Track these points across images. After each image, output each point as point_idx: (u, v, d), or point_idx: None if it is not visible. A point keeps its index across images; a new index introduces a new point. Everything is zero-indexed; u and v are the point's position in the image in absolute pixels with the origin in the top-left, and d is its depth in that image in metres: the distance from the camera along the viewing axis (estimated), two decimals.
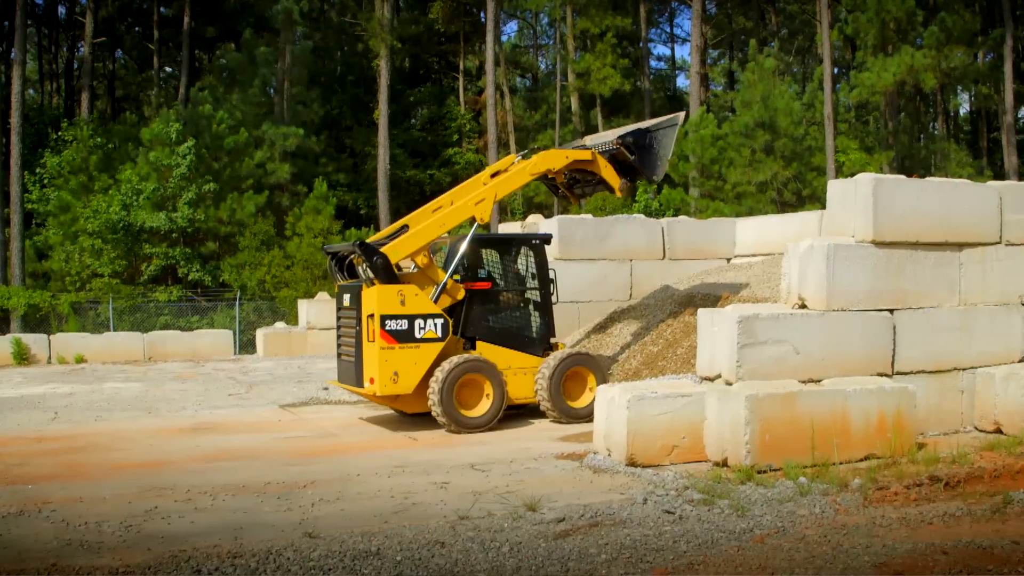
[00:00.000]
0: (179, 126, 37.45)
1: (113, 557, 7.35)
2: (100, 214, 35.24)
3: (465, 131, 53.66)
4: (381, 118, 43.84)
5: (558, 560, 7.07)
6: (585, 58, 48.91)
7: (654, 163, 14.47)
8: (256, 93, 44.74)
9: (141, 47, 56.02)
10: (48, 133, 43.32)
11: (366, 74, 51.02)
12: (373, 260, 13.04)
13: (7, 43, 43.40)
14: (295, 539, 7.70)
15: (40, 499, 9.42)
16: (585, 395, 13.80)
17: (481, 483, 9.71)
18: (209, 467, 11.03)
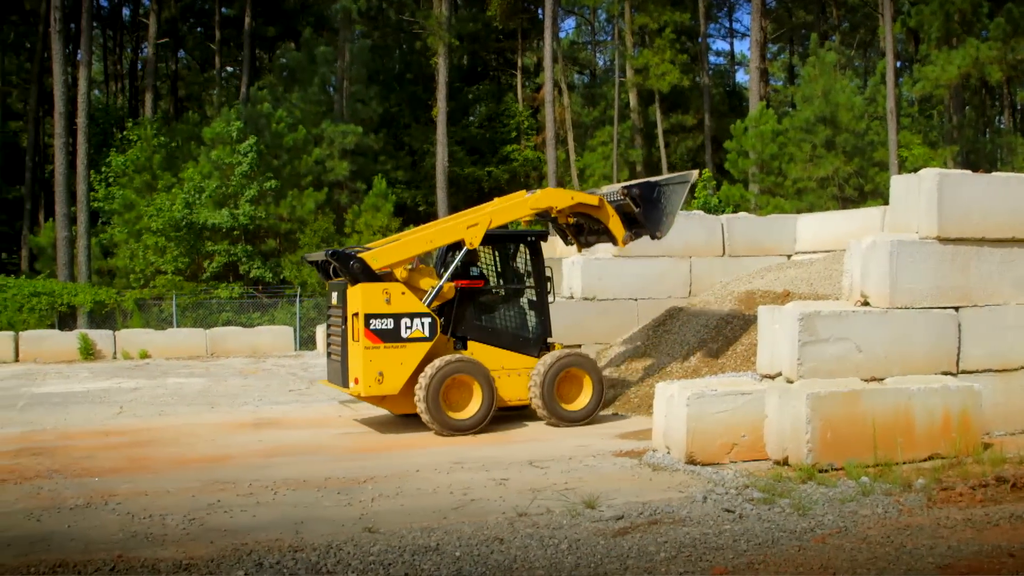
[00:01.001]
0: (240, 125, 37.87)
1: (177, 549, 7.46)
2: (164, 212, 35.77)
3: (523, 128, 53.66)
4: (439, 115, 43.97)
5: (617, 558, 7.05)
6: (643, 54, 48.67)
7: (659, 218, 13.94)
8: (316, 91, 45.10)
9: (203, 47, 56.78)
10: (113, 133, 44.08)
11: (424, 72, 51.18)
12: (349, 266, 12.76)
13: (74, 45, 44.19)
14: (355, 534, 7.76)
15: (106, 492, 9.59)
16: (580, 397, 13.52)
17: (539, 480, 9.71)
18: (270, 462, 11.15)
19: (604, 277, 17.86)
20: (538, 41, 55.68)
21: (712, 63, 62.06)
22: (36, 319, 30.67)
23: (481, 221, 13.37)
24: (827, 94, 36.62)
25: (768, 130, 37.46)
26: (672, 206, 13.95)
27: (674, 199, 13.93)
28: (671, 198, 13.92)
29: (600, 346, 17.62)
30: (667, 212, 13.93)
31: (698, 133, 53.56)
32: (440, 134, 43.65)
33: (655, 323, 17.39)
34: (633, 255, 17.95)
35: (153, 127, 40.14)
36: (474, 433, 12.76)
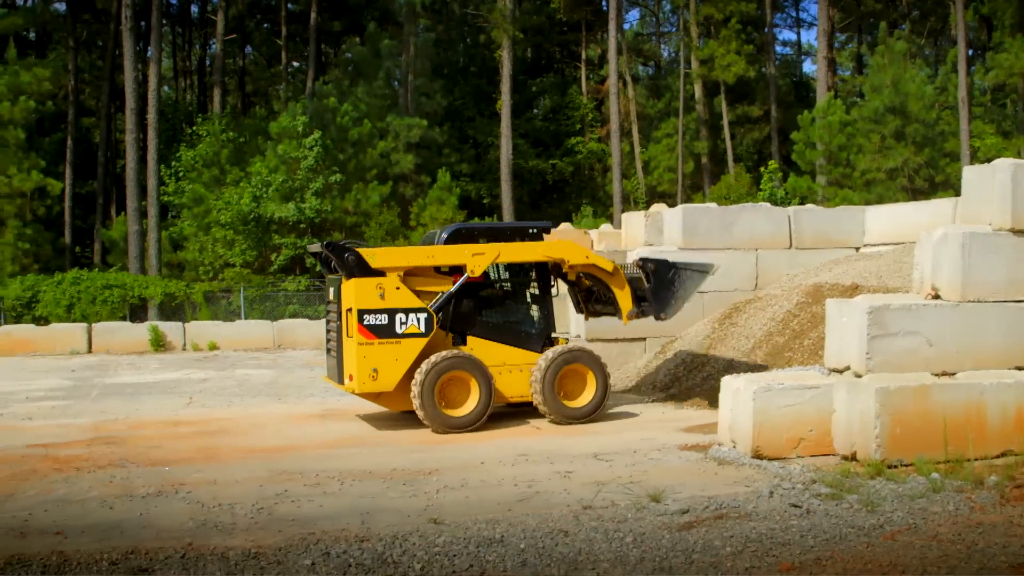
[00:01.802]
0: (306, 119, 38.24)
1: (246, 538, 7.58)
2: (232, 206, 36.27)
3: (587, 120, 53.52)
4: (504, 108, 44.00)
5: (682, 552, 7.03)
6: (709, 45, 48.27)
7: (666, 300, 13.52)
8: (380, 85, 45.38)
9: (270, 43, 57.40)
10: (183, 128, 44.75)
11: (488, 65, 51.24)
12: (344, 258, 12.54)
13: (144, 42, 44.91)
14: (420, 525, 7.82)
15: (176, 481, 9.77)
16: (584, 394, 13.21)
17: (604, 473, 9.70)
18: (336, 452, 11.27)
19: None
20: (602, 33, 55.43)
21: (778, 53, 61.37)
22: (108, 311, 31.27)
23: (488, 253, 13.04)
24: (896, 83, 35.99)
25: (836, 120, 36.92)
26: (685, 292, 13.55)
27: (689, 285, 13.54)
28: (686, 284, 13.53)
29: (665, 339, 17.54)
30: (677, 296, 13.52)
31: (764, 124, 53.01)
32: (504, 127, 43.69)
33: (721, 316, 17.26)
34: (698, 247, 17.83)
35: (221, 122, 40.68)
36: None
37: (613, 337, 17.52)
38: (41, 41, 53.05)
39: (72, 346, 27.41)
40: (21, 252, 35.01)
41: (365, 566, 6.83)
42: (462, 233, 13.75)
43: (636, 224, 20.58)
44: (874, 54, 39.32)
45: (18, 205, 36.62)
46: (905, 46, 38.60)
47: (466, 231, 13.95)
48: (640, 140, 52.53)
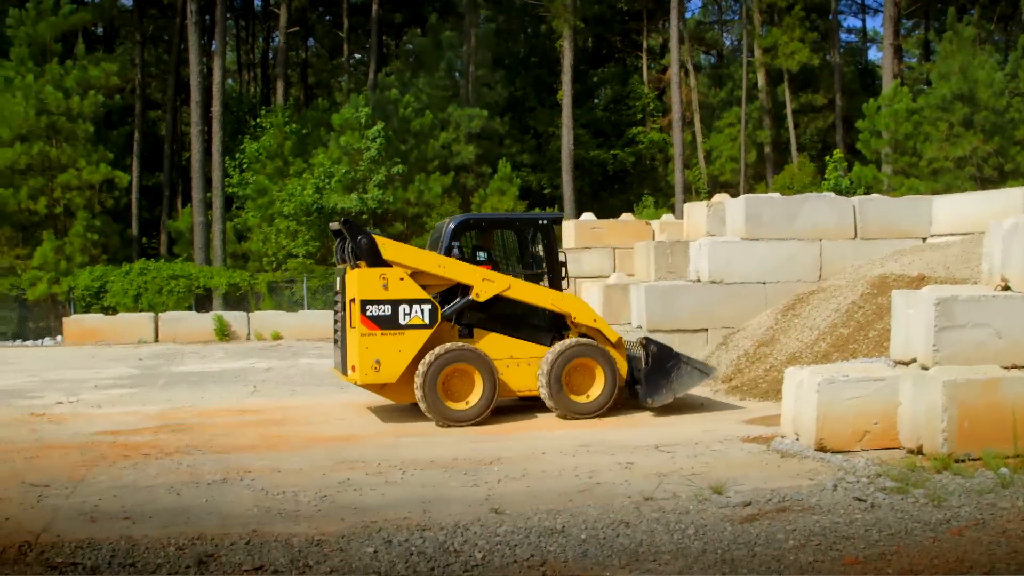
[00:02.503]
0: (368, 111, 38.47)
1: (309, 525, 7.66)
2: (295, 197, 36.62)
3: (649, 110, 53.24)
4: (565, 98, 43.90)
5: (744, 544, 6.98)
6: (772, 32, 47.70)
7: (659, 387, 13.03)
8: (442, 76, 45.51)
9: (332, 35, 57.85)
10: (246, 120, 45.27)
11: (549, 55, 51.16)
12: (358, 240, 12.41)
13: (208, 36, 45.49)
14: (481, 514, 7.85)
15: (241, 468, 9.90)
16: (592, 389, 12.93)
17: (666, 464, 9.66)
18: (398, 442, 11.35)
19: (732, 260, 17.62)
20: (664, 22, 55.10)
21: (843, 40, 60.42)
22: (175, 301, 31.80)
23: (498, 281, 12.84)
24: (965, 70, 35.31)
25: (902, 109, 36.33)
26: (680, 385, 13.11)
27: (685, 380, 13.13)
28: (683, 378, 13.11)
29: (727, 330, 17.41)
30: (670, 388, 13.05)
31: (828, 113, 52.31)
32: (565, 117, 43.59)
33: (784, 307, 17.09)
34: (761, 238, 17.69)
35: (284, 114, 41.07)
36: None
37: (674, 328, 17.43)
38: (109, 36, 54.00)
39: (139, 335, 27.91)
40: (90, 243, 35.67)
41: (427, 555, 6.88)
42: (470, 223, 13.65)
43: (698, 215, 20.46)
44: (942, 40, 38.62)
45: (87, 197, 37.30)
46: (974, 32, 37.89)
47: (473, 221, 13.86)
48: (702, 129, 52.15)
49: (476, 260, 13.29)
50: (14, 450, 11.16)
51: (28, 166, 36.38)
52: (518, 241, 13.80)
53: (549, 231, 13.59)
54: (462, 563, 6.73)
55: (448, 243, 13.15)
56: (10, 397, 15.94)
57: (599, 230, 25.43)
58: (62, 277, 33.82)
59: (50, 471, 9.91)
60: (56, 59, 37.50)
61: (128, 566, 6.74)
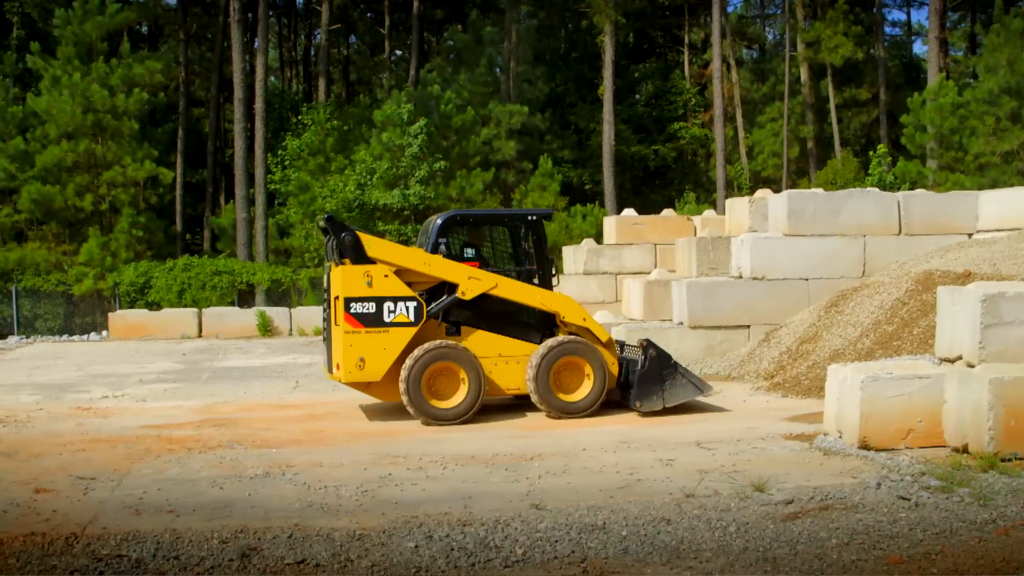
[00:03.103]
0: (410, 107, 38.59)
1: (351, 520, 7.71)
2: (337, 193, 36.81)
3: (690, 105, 52.95)
4: (606, 94, 43.78)
5: (787, 543, 6.94)
6: (815, 26, 47.28)
7: (649, 392, 12.65)
8: (482, 72, 45.56)
9: (373, 32, 58.07)
10: (289, 117, 45.55)
11: (590, 50, 51.03)
12: (341, 236, 12.27)
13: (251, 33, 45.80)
14: (522, 510, 7.86)
15: (284, 462, 9.97)
16: (582, 388, 12.67)
17: (707, 461, 9.62)
18: (439, 437, 11.38)
19: (774, 257, 17.51)
20: (706, 16, 54.79)
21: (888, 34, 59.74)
22: (218, 296, 32.10)
23: (485, 279, 12.61)
24: (1012, 63, 34.78)
25: (948, 103, 35.90)
26: (671, 395, 12.72)
27: (679, 392, 12.77)
28: (676, 389, 12.76)
29: (769, 327, 17.30)
30: (661, 396, 12.67)
31: (872, 107, 51.77)
32: (606, 112, 43.48)
33: (827, 304, 16.96)
34: (804, 234, 17.55)
35: (326, 111, 41.29)
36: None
37: (716, 324, 17.37)
38: (153, 35, 54.56)
39: (183, 330, 28.20)
40: (135, 239, 36.07)
41: (467, 550, 6.90)
42: (457, 220, 13.45)
43: (740, 210, 20.35)
44: (988, 33, 38.06)
45: (132, 194, 37.74)
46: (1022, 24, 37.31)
47: (461, 218, 13.67)
48: (744, 125, 51.79)
49: (464, 257, 13.08)
50: (61, 443, 11.32)
51: (75, 163, 36.88)
52: (508, 238, 13.58)
53: (539, 227, 13.28)
54: (503, 559, 6.75)
55: (435, 240, 12.94)
56: (58, 391, 16.16)
57: (640, 226, 25.38)
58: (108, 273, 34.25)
59: (96, 464, 10.04)
60: (102, 58, 37.97)
61: (172, 558, 6.81)
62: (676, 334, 17.48)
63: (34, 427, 12.57)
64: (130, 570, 6.61)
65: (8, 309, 34.97)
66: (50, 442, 11.42)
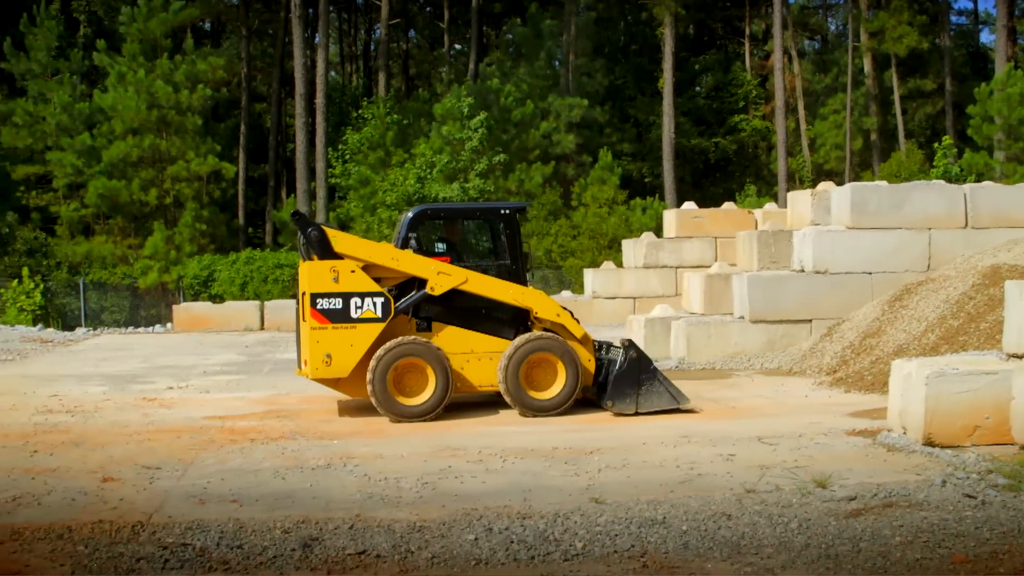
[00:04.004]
0: (470, 101, 38.70)
1: (411, 511, 7.75)
2: (397, 187, 37.03)
3: (751, 97, 52.47)
4: (665, 86, 43.55)
5: (849, 540, 6.86)
6: (879, 16, 46.63)
7: (623, 393, 12.21)
8: (542, 66, 45.54)
9: (432, 26, 58.33)
10: (349, 112, 45.89)
11: (650, 43, 50.79)
12: (307, 232, 12.06)
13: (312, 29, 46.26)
14: (582, 504, 7.84)
15: (345, 454, 10.05)
16: (554, 386, 12.29)
17: (768, 457, 9.53)
18: (499, 430, 11.40)
19: (837, 250, 17.29)
20: (767, 7, 54.20)
21: (953, 23, 58.72)
22: (279, 290, 32.45)
23: (455, 275, 12.21)
24: None
25: (1016, 93, 35.22)
26: (644, 401, 12.26)
27: (654, 399, 12.31)
28: (652, 396, 12.31)
29: (831, 321, 17.11)
30: (635, 399, 12.22)
31: (938, 98, 50.95)
32: (666, 105, 43.25)
33: (891, 298, 16.72)
34: (868, 227, 17.32)
35: (386, 105, 41.55)
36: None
37: (777, 318, 17.22)
38: (216, 31, 55.27)
39: (245, 323, 28.52)
40: (198, 233, 36.62)
41: (527, 543, 6.90)
42: (427, 214, 13.28)
43: (802, 203, 20.14)
44: None
45: (196, 188, 38.31)
46: None
47: (431, 212, 13.49)
48: (806, 117, 51.24)
49: (435, 252, 12.80)
50: (128, 433, 11.51)
51: (140, 158, 37.50)
52: (481, 233, 13.36)
53: (512, 221, 12.87)
54: (562, 552, 6.75)
55: (405, 235, 12.72)
56: (124, 382, 16.44)
57: (700, 219, 25.24)
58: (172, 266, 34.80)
59: (161, 454, 10.20)
60: (166, 54, 38.56)
61: (236, 547, 6.90)
62: (737, 328, 17.36)
63: (101, 417, 12.80)
64: (194, 558, 6.71)
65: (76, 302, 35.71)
66: (116, 432, 11.63)
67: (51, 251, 37.79)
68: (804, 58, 56.57)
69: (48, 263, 37.09)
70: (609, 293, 27.02)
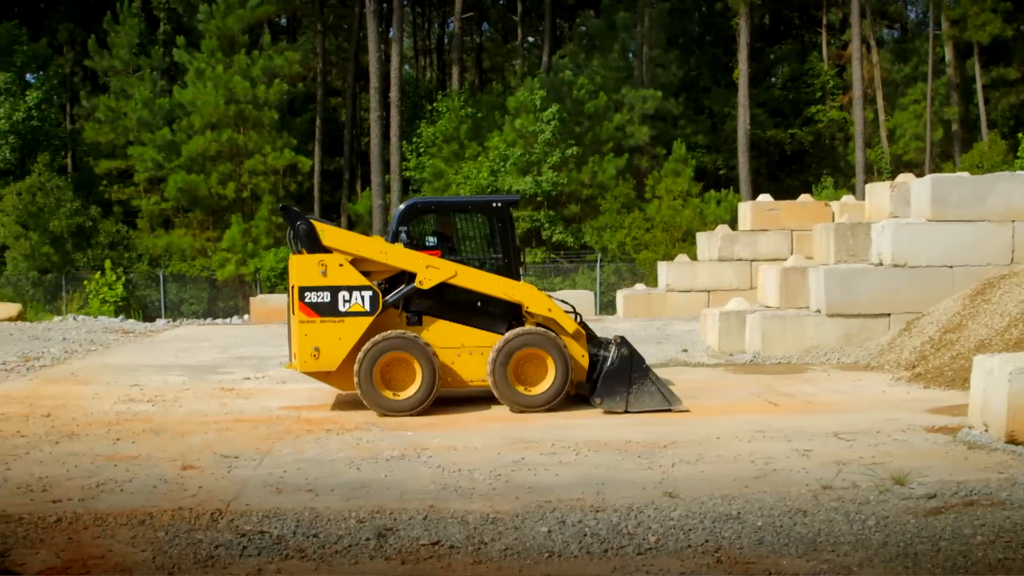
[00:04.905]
0: (543, 93, 38.69)
1: (484, 503, 7.78)
2: (470, 180, 37.19)
3: (828, 88, 51.63)
4: (741, 77, 43.09)
5: (928, 538, 6.74)
6: (961, 3, 45.56)
7: (613, 391, 11.99)
8: (615, 58, 45.36)
9: (506, 19, 58.36)
10: (423, 105, 46.17)
11: (725, 33, 50.24)
12: (296, 225, 12.07)
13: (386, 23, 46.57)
14: (655, 498, 7.81)
15: (419, 445, 10.13)
16: (544, 381, 12.11)
17: (845, 453, 9.41)
18: (572, 423, 11.39)
19: (916, 243, 16.97)
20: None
21: None
22: None
23: (444, 269, 12.17)
24: None
25: None
26: (635, 400, 11.98)
27: (644, 399, 12.02)
28: (642, 396, 12.03)
29: (910, 315, 16.80)
30: (624, 398, 11.97)
31: (1022, 87, 49.70)
32: (741, 96, 42.80)
33: (972, 292, 16.37)
34: (949, 220, 16.97)
35: (460, 99, 41.71)
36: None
37: (855, 312, 16.96)
38: (292, 27, 55.92)
39: None
40: (275, 226, 37.10)
41: (600, 536, 6.90)
42: (418, 208, 13.17)
43: (880, 195, 19.80)
44: None
45: (272, 182, 38.84)
46: None
47: (422, 206, 13.37)
48: (884, 107, 50.31)
49: (426, 245, 12.72)
50: (206, 422, 11.72)
51: (218, 153, 38.14)
52: (473, 226, 13.18)
53: (504, 214, 12.70)
54: (635, 546, 6.73)
55: (395, 228, 12.67)
56: (203, 372, 16.74)
57: (776, 212, 24.96)
58: (249, 259, 35.34)
59: (239, 443, 10.38)
60: (243, 50, 39.16)
61: (312, 536, 7.00)
62: (813, 322, 17.14)
63: (180, 407, 13.05)
64: (271, 546, 6.82)
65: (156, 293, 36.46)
66: (195, 421, 11.85)
67: (132, 244, 38.66)
68: (883, 47, 55.52)
69: (129, 256, 37.96)
70: (683, 286, 26.86)
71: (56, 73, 45.30)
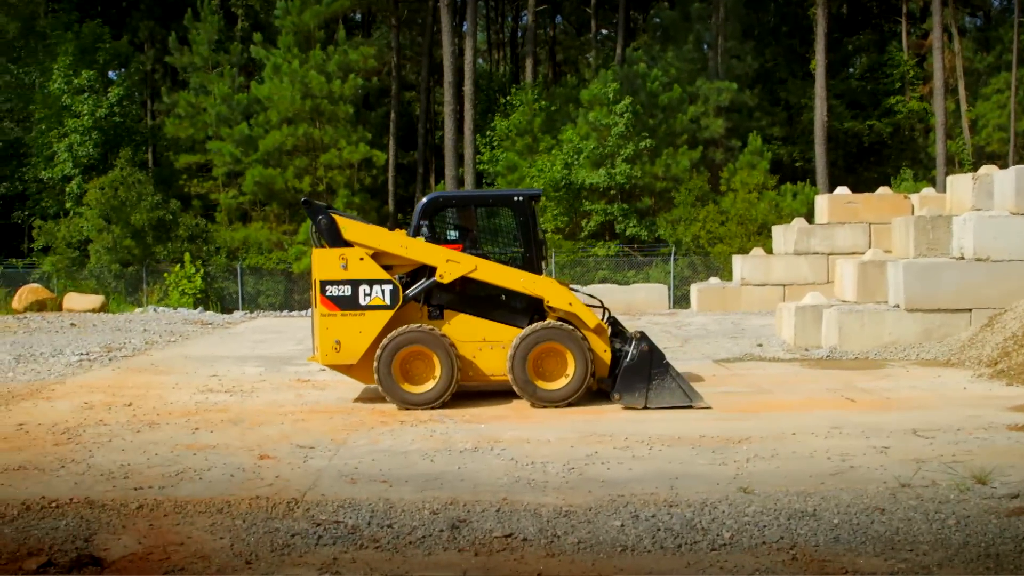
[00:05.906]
0: (616, 86, 38.53)
1: (557, 496, 7.79)
2: (544, 173, 37.18)
3: (908, 78, 50.65)
4: (818, 68, 42.46)
5: (1011, 539, 6.59)
6: None
7: (632, 387, 11.84)
8: (690, 49, 44.98)
9: (579, 12, 58.15)
10: (497, 99, 46.24)
11: (801, 24, 49.54)
12: (317, 219, 12.11)
13: (460, 17, 46.70)
14: (729, 493, 7.76)
15: (492, 437, 10.17)
16: (563, 376, 12.02)
17: (924, 450, 9.24)
18: (644, 417, 11.34)
19: (1000, 237, 16.59)
20: None
21: None
22: None
23: (464, 263, 12.15)
24: None
25: None
26: (655, 396, 11.79)
27: (665, 395, 11.82)
28: (663, 392, 11.84)
29: (993, 311, 16.44)
30: (644, 394, 11.78)
31: None
32: (818, 87, 42.18)
33: None
34: None
35: (533, 92, 41.71)
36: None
37: (934, 307, 16.65)
38: (366, 21, 56.38)
39: None
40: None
41: (674, 531, 6.87)
42: (439, 202, 13.04)
43: (962, 187, 19.39)
44: None
45: (347, 176, 39.22)
46: None
47: (443, 200, 13.23)
48: (967, 97, 49.21)
49: (447, 239, 12.70)
50: (283, 413, 11.90)
51: (294, 147, 38.63)
52: (495, 220, 13.11)
53: (526, 209, 12.63)
54: (709, 541, 6.69)
55: (417, 222, 12.68)
56: (279, 363, 16.98)
57: (854, 205, 24.60)
58: None
59: (314, 434, 10.51)
60: (319, 45, 39.60)
61: (386, 526, 7.07)
62: (892, 317, 16.86)
63: (257, 397, 13.26)
64: (346, 536, 6.90)
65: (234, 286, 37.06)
66: (272, 411, 12.04)
67: (211, 237, 39.34)
68: (965, 36, 54.29)
69: (208, 249, 38.64)
70: (758, 280, 26.60)
71: (137, 70, 46.30)
